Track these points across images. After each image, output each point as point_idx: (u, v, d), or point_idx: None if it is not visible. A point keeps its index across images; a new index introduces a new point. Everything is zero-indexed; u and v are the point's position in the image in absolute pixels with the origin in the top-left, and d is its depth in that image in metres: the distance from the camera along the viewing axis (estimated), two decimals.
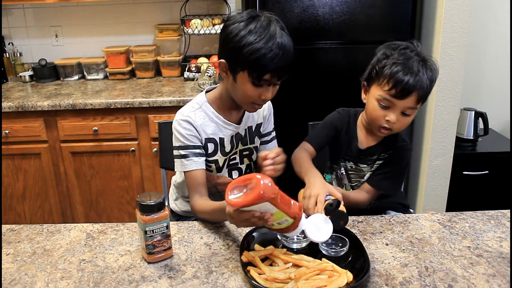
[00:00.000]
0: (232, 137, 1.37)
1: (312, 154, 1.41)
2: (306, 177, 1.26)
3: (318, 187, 1.17)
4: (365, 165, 1.43)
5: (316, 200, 1.14)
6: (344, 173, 1.46)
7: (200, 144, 1.31)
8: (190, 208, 1.33)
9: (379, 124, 1.31)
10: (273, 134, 1.50)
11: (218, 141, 1.34)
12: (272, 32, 1.15)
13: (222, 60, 1.22)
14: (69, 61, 2.73)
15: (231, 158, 1.40)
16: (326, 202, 1.12)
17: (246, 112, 1.38)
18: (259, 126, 1.44)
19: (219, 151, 1.35)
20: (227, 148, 1.37)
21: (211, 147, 1.34)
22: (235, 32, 1.16)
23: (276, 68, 1.16)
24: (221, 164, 1.38)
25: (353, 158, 1.44)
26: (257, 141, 1.45)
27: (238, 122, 1.37)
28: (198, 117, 1.31)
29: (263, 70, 1.16)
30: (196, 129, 1.30)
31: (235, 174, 1.42)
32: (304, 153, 1.39)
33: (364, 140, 1.42)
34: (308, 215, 1.09)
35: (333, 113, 1.48)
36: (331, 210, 1.11)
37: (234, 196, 0.96)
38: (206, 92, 1.38)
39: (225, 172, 1.41)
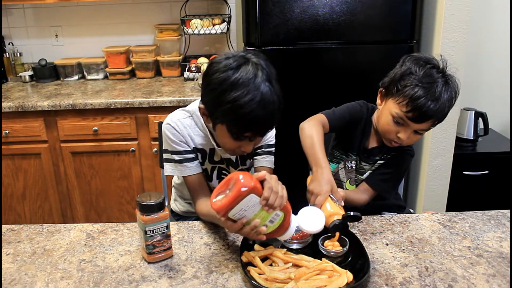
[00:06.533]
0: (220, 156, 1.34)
1: (326, 131, 1.36)
2: (314, 167, 1.22)
3: (323, 185, 1.15)
4: (366, 164, 1.43)
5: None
6: (354, 166, 1.45)
7: (190, 149, 1.28)
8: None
9: (389, 138, 1.31)
10: (269, 148, 1.38)
11: (208, 152, 1.31)
12: (256, 86, 1.03)
13: (201, 106, 1.16)
14: (69, 61, 2.73)
15: (222, 172, 1.37)
16: (353, 214, 1.10)
17: None
18: (253, 148, 1.36)
19: (207, 160, 1.33)
20: (216, 157, 1.34)
21: (199, 156, 1.31)
22: (215, 82, 1.06)
23: (257, 127, 1.09)
24: (209, 172, 1.35)
25: (358, 156, 1.44)
26: (249, 163, 1.40)
27: None
28: (186, 125, 1.28)
29: (243, 129, 1.09)
30: (183, 137, 1.27)
31: None
32: (318, 130, 1.31)
33: (372, 140, 1.42)
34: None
35: (355, 104, 1.42)
36: (346, 219, 1.09)
37: (217, 199, 0.95)
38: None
39: (215, 183, 1.37)
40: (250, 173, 0.95)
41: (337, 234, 1.09)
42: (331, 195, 1.15)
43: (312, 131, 1.30)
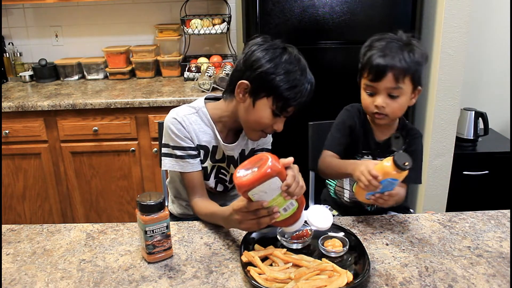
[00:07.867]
0: (223, 152, 1.34)
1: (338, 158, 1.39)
2: (350, 167, 1.24)
3: (363, 163, 1.16)
4: (382, 159, 1.42)
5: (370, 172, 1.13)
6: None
7: (194, 145, 1.29)
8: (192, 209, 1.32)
9: (370, 111, 1.32)
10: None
11: (210, 149, 1.32)
12: (303, 66, 1.17)
13: (245, 81, 1.18)
14: (69, 61, 2.73)
15: (221, 171, 1.38)
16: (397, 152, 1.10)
17: (240, 137, 1.35)
18: (253, 150, 1.40)
19: (209, 159, 1.33)
20: (218, 155, 1.34)
21: (201, 153, 1.31)
22: (268, 57, 1.15)
23: (301, 102, 1.17)
24: (209, 171, 1.35)
25: (371, 151, 1.42)
26: None
27: (231, 142, 1.34)
28: (192, 121, 1.28)
29: (290, 101, 1.16)
30: (188, 133, 1.27)
31: (219, 188, 1.41)
32: (332, 158, 1.37)
33: (379, 133, 1.41)
34: (372, 188, 1.12)
35: (343, 112, 1.45)
36: (399, 157, 1.09)
37: (242, 174, 0.95)
38: (206, 99, 1.34)
39: (212, 182, 1.38)
40: (277, 156, 0.96)
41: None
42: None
43: (329, 161, 1.37)
